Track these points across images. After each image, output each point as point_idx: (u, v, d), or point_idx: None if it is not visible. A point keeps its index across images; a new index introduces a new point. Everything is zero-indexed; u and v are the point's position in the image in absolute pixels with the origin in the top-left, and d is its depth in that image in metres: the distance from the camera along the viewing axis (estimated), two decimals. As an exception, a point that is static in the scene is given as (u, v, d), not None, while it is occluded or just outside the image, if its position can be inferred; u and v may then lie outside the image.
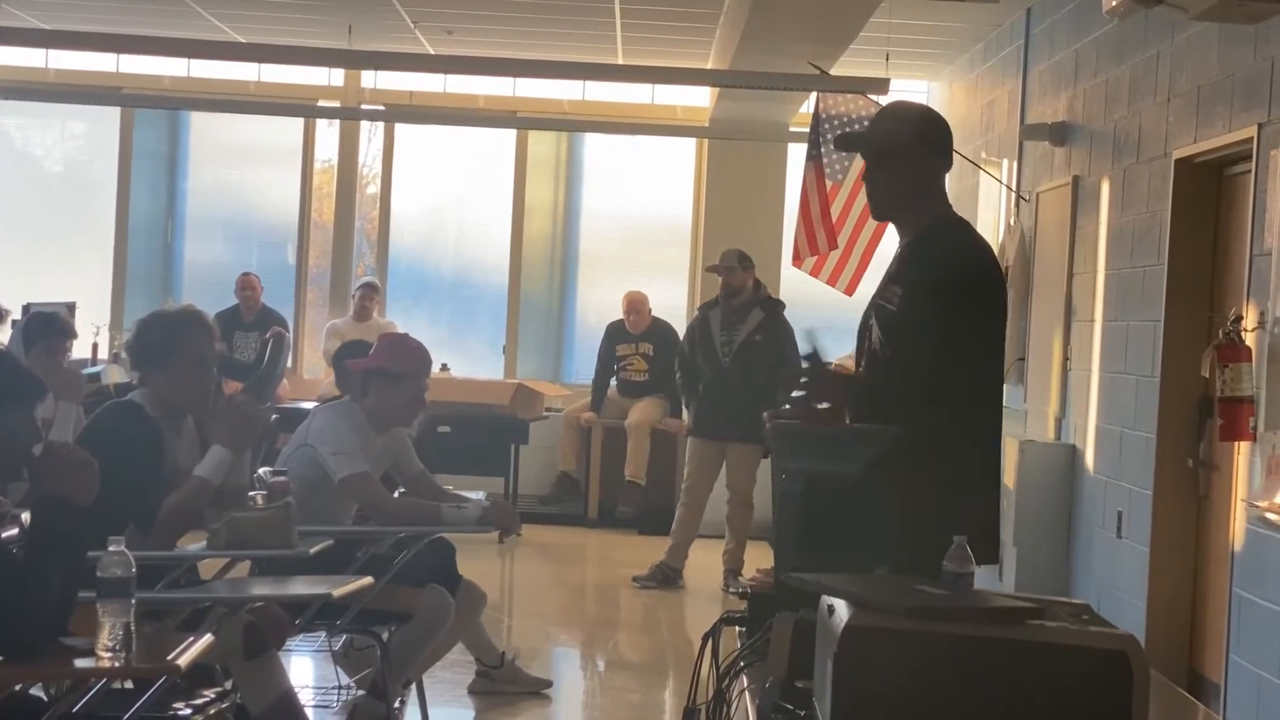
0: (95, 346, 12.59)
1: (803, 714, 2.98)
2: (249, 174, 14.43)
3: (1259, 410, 6.01)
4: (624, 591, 10.30)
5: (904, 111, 4.59)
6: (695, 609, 9.92)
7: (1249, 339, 6.08)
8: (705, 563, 10.40)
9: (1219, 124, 6.66)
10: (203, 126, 14.21)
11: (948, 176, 4.48)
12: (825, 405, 4.19)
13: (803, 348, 4.36)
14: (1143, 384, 7.41)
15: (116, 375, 11.96)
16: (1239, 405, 6.02)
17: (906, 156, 4.32)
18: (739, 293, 10.21)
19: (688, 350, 10.51)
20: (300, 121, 14.05)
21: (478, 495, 6.44)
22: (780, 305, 10.32)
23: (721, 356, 10.17)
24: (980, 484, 4.09)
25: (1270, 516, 5.81)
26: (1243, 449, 6.25)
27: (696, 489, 10.36)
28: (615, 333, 12.85)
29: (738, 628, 3.86)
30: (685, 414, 10.87)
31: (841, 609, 2.64)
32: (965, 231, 4.42)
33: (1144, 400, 7.37)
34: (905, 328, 4.20)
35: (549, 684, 7.41)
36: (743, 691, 3.41)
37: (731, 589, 9.74)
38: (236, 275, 13.16)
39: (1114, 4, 5.47)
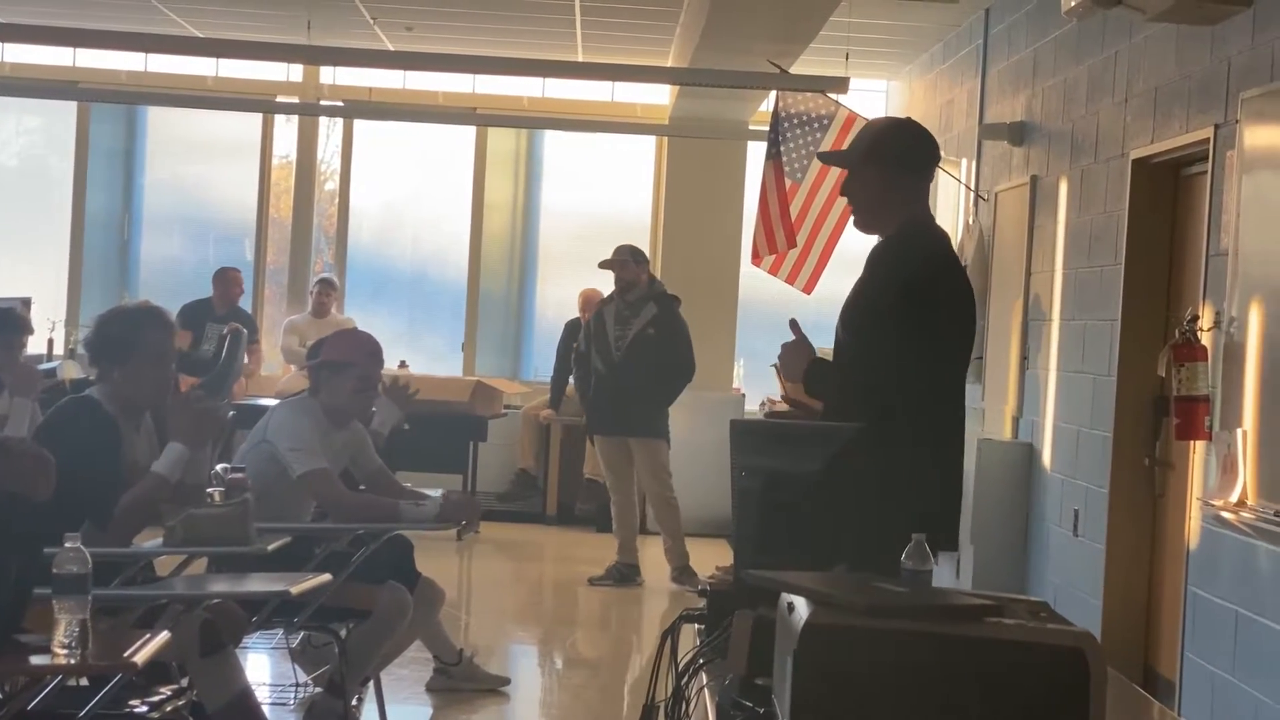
0: (51, 342, 12.52)
1: (762, 711, 2.98)
2: (206, 170, 14.36)
3: (1214, 409, 6.04)
4: (582, 589, 10.30)
5: (870, 127, 4.72)
6: (652, 606, 9.92)
7: (1205, 338, 6.12)
8: (662, 560, 10.40)
9: (1176, 125, 6.70)
10: (160, 122, 14.14)
11: None
12: (792, 383, 4.27)
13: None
14: (1099, 383, 7.44)
15: (72, 371, 11.90)
16: (1195, 404, 6.06)
17: (863, 169, 4.49)
18: (632, 287, 10.20)
19: (583, 347, 10.52)
20: (258, 117, 13.99)
21: (436, 493, 6.43)
22: (674, 300, 10.30)
23: (614, 351, 10.17)
24: (935, 482, 4.11)
25: (1225, 515, 5.84)
26: (1198, 448, 6.29)
27: (618, 485, 10.37)
28: (574, 330, 12.82)
29: (696, 625, 3.86)
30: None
31: (801, 606, 2.64)
32: (928, 235, 4.47)
33: (1100, 399, 7.41)
34: (862, 325, 4.31)
35: (507, 681, 7.40)
36: (702, 689, 3.42)
37: (687, 585, 9.75)
38: (197, 270, 13.15)
39: (1073, 5, 5.49)
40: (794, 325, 4.45)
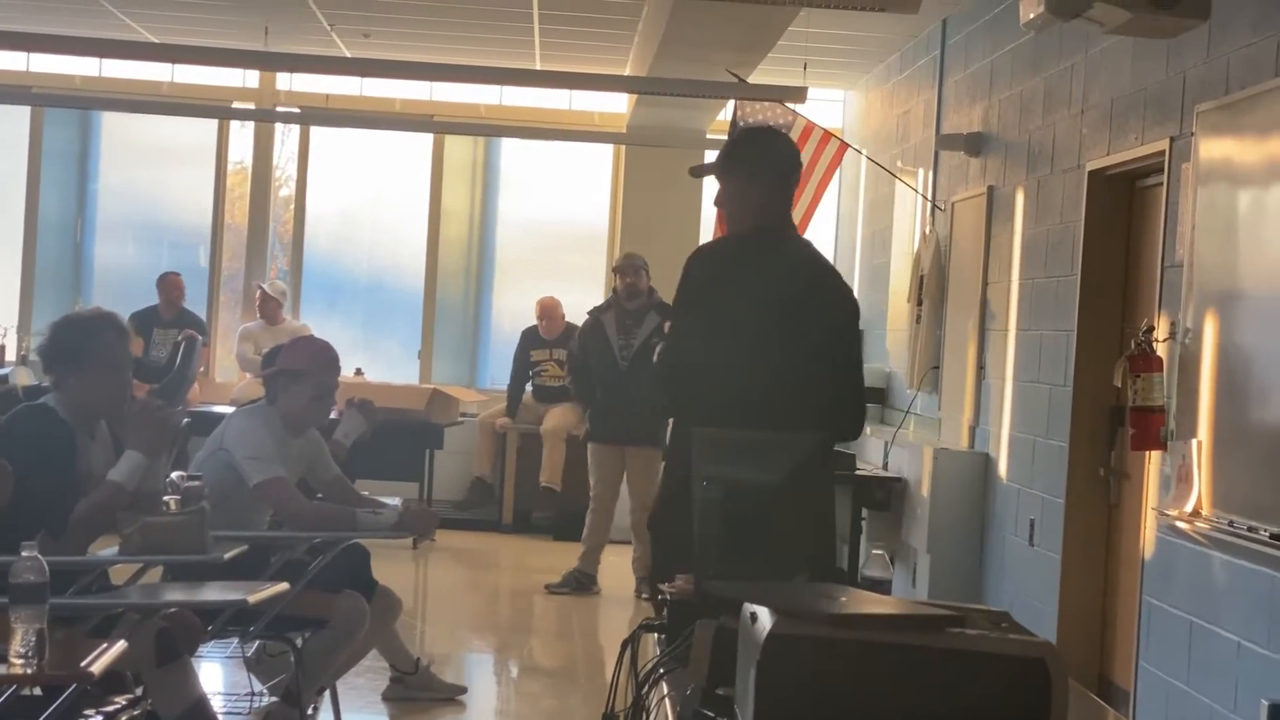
0: (3, 349, 12.45)
1: (723, 721, 2.98)
2: (161, 175, 14.29)
3: (1169, 420, 6.08)
4: (538, 597, 10.28)
5: (736, 136, 5.26)
6: (609, 615, 9.92)
7: (1160, 349, 6.16)
8: (619, 569, 10.40)
9: (1132, 136, 6.74)
10: (115, 127, 14.08)
11: (864, 185, 4.76)
12: None
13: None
14: (1056, 393, 7.48)
15: (24, 378, 11.83)
16: (1150, 415, 6.09)
17: (730, 176, 4.97)
18: (638, 296, 10.23)
19: (580, 355, 10.51)
20: (214, 123, 13.94)
21: (393, 501, 6.41)
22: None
23: (619, 360, 10.18)
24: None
25: (1180, 525, 5.88)
26: (1153, 458, 6.33)
27: (603, 495, 10.37)
28: (530, 338, 12.83)
29: (656, 634, 3.86)
30: (585, 418, 10.88)
31: (764, 616, 2.64)
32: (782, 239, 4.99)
33: (1057, 409, 7.44)
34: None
35: (463, 690, 7.39)
36: (662, 699, 3.41)
37: (645, 595, 9.75)
38: (150, 276, 13.06)
39: (1030, 17, 5.51)
40: None
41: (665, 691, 3.36)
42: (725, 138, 10.48)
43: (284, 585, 5.42)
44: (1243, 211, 5.64)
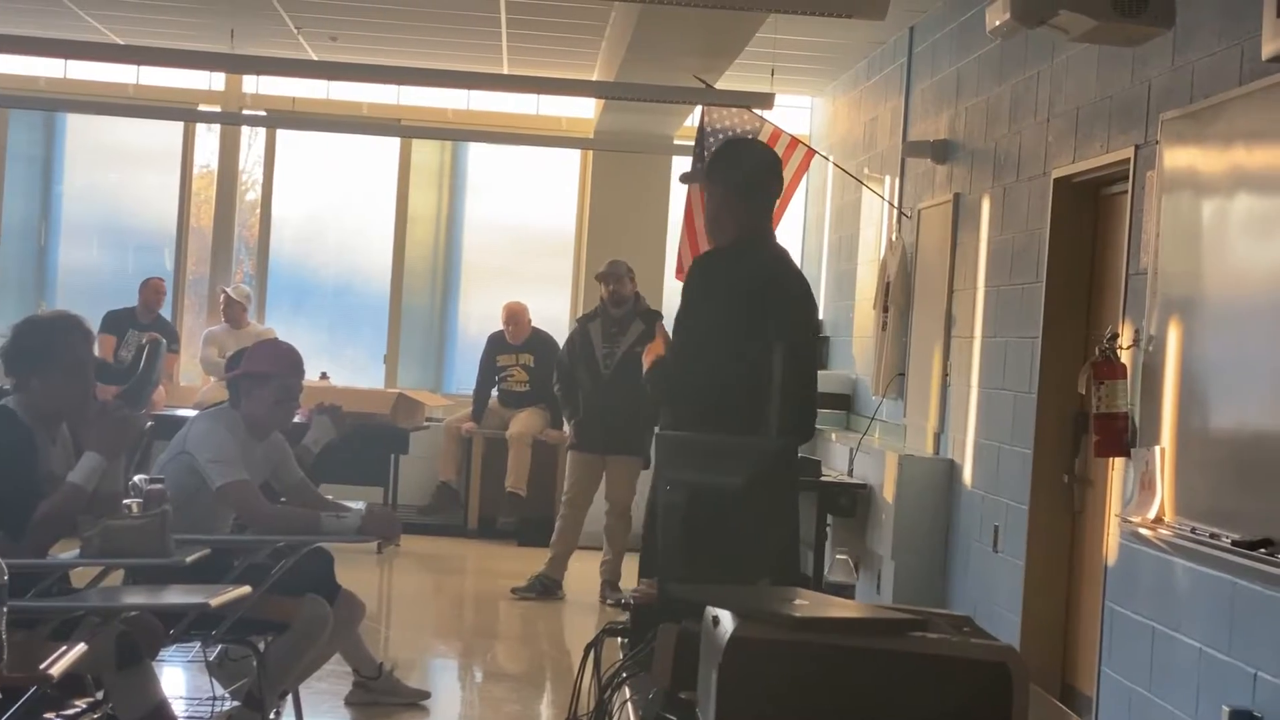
0: (-35, 351, 12.35)
1: (685, 725, 2.98)
2: (127, 178, 14.23)
3: (1133, 426, 6.10)
4: (503, 602, 10.26)
5: (722, 146, 5.68)
6: (573, 620, 9.90)
7: (1124, 356, 6.17)
8: (584, 574, 10.39)
9: (1097, 144, 6.76)
10: (80, 129, 14.01)
11: (831, 192, 4.92)
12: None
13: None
14: (1020, 400, 7.50)
15: (-13, 380, 11.74)
16: (1114, 421, 6.11)
17: (714, 185, 5.26)
18: (624, 303, 10.23)
19: (567, 362, 10.50)
20: (179, 126, 13.88)
21: (358, 505, 6.39)
22: (658, 316, 10.32)
23: (603, 368, 10.18)
24: None
25: (1143, 531, 5.89)
26: (1117, 465, 6.35)
27: (577, 501, 10.35)
28: (496, 343, 12.81)
29: (619, 639, 3.85)
30: (566, 426, 10.85)
31: (726, 620, 2.64)
32: (759, 248, 5.24)
33: (1021, 416, 7.46)
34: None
35: (427, 695, 7.37)
36: (624, 703, 3.41)
37: (609, 600, 9.75)
38: (115, 279, 13.04)
39: (997, 24, 5.52)
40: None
41: (628, 695, 3.35)
42: (693, 143, 10.48)
43: (246, 589, 5.40)
44: (1206, 219, 5.66)
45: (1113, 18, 5.22)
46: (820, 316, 12.38)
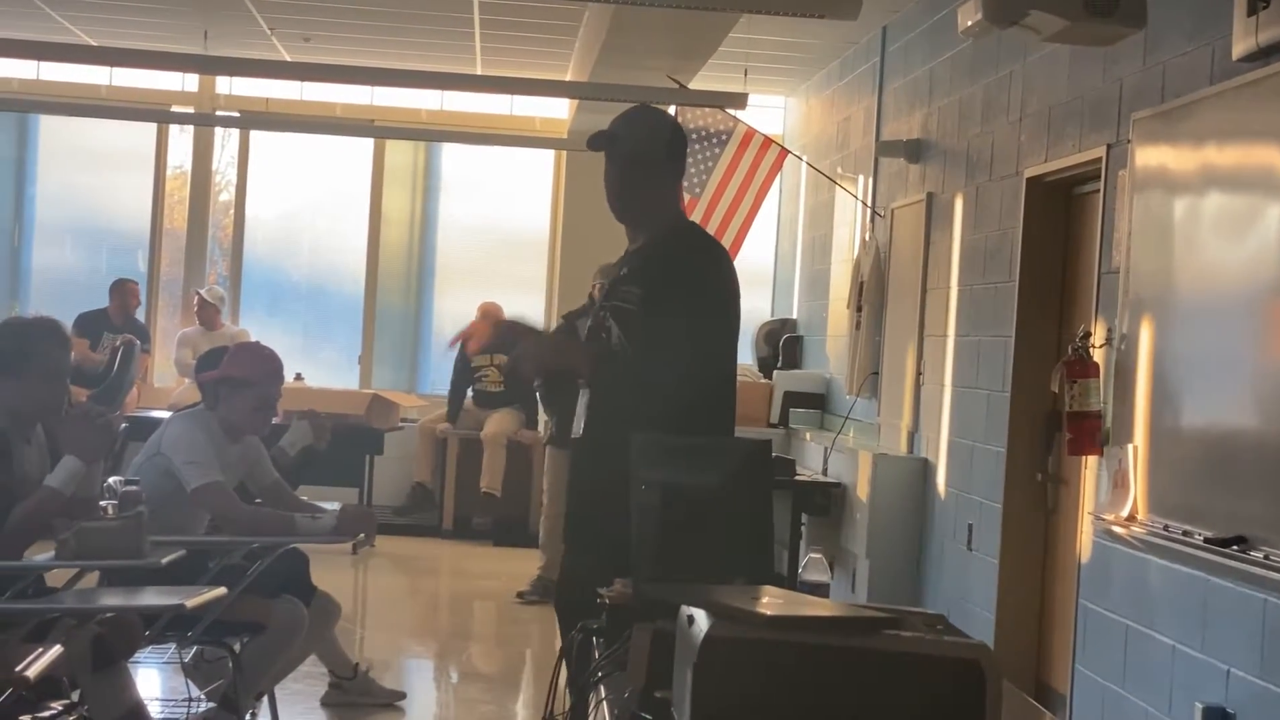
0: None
1: (661, 724, 2.99)
2: (100, 179, 14.18)
3: (1106, 425, 6.13)
4: (478, 603, 10.27)
5: (656, 120, 4.89)
6: (549, 620, 9.89)
7: (1097, 355, 6.20)
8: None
9: (1069, 144, 6.79)
10: (52, 130, 13.97)
11: (804, 191, 4.76)
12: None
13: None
14: (993, 399, 7.52)
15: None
16: (1087, 420, 6.14)
17: (657, 165, 4.82)
18: None
19: None
20: (153, 127, 13.85)
21: (333, 506, 6.39)
22: None
23: None
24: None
25: (1116, 529, 5.92)
26: (1090, 463, 6.37)
27: (557, 497, 10.32)
28: (471, 343, 12.79)
29: (594, 638, 3.86)
30: (541, 424, 10.83)
31: (701, 619, 2.65)
32: (701, 234, 5.00)
33: (995, 415, 7.48)
34: (650, 328, 4.54)
35: (402, 696, 7.37)
36: (600, 702, 3.42)
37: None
38: (88, 281, 13.00)
39: (969, 24, 5.54)
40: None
41: (604, 695, 3.36)
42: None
43: (222, 590, 5.40)
44: (1178, 218, 5.69)
45: (1084, 18, 5.24)
46: (794, 315, 12.43)
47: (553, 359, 5.03)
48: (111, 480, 5.40)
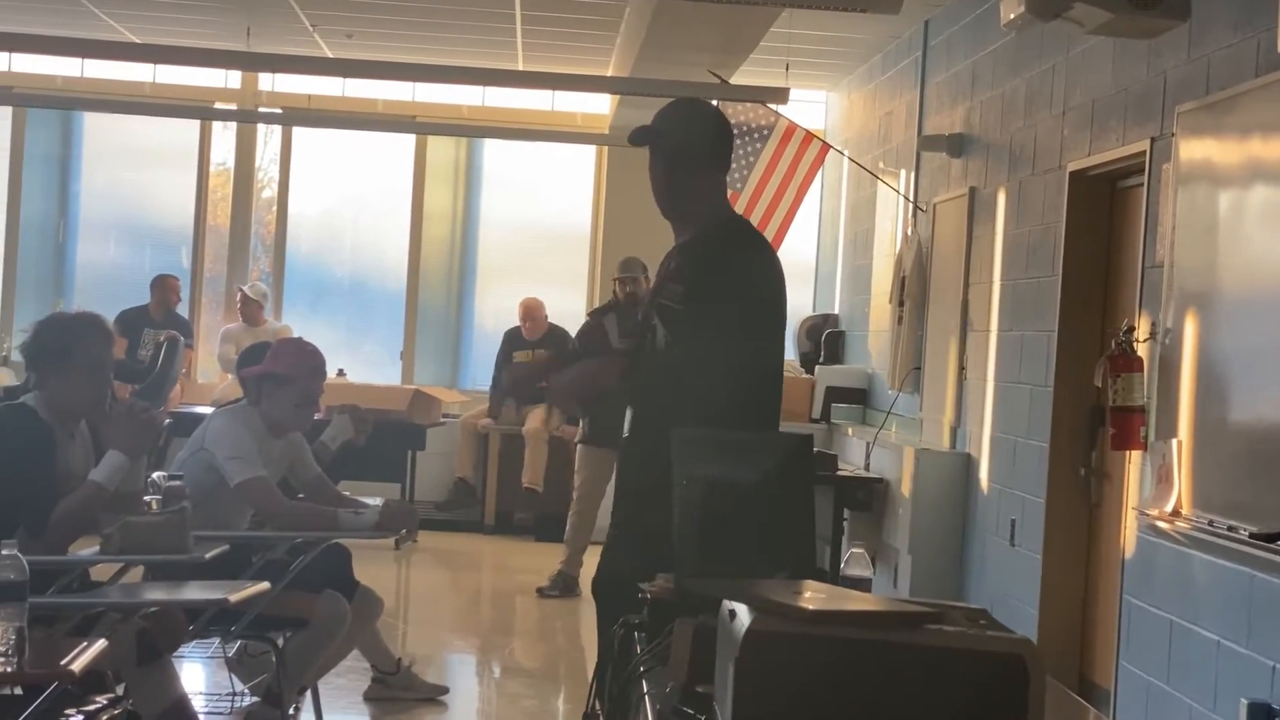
0: (-16, 349, 12.41)
1: (703, 718, 2.99)
2: (143, 176, 14.26)
3: (1150, 420, 6.09)
4: (520, 598, 10.28)
5: (700, 113, 4.84)
6: (590, 615, 9.89)
7: (1140, 350, 6.17)
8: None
9: (1113, 137, 6.75)
10: (97, 128, 14.05)
11: (846, 186, 4.73)
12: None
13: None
14: (1036, 394, 7.49)
15: (4, 378, 11.80)
16: (1130, 415, 6.11)
17: (702, 159, 4.72)
18: (640, 301, 10.23)
19: (579, 357, 10.46)
20: (196, 124, 13.92)
21: (375, 501, 6.41)
22: None
23: None
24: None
25: (1160, 524, 5.89)
26: (1134, 458, 6.34)
27: (591, 496, 10.33)
28: (512, 339, 12.83)
29: (637, 633, 3.86)
30: (581, 421, 10.84)
31: (743, 613, 2.65)
32: (747, 228, 4.95)
33: (1038, 410, 7.45)
34: (697, 326, 4.48)
35: (445, 690, 7.39)
36: (642, 697, 3.41)
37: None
38: (132, 277, 13.07)
39: (1011, 17, 5.52)
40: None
41: (645, 690, 3.36)
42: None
43: (265, 585, 5.42)
44: (1223, 212, 5.66)
45: (1128, 10, 5.22)
46: (835, 310, 12.41)
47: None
48: (155, 475, 5.42)
